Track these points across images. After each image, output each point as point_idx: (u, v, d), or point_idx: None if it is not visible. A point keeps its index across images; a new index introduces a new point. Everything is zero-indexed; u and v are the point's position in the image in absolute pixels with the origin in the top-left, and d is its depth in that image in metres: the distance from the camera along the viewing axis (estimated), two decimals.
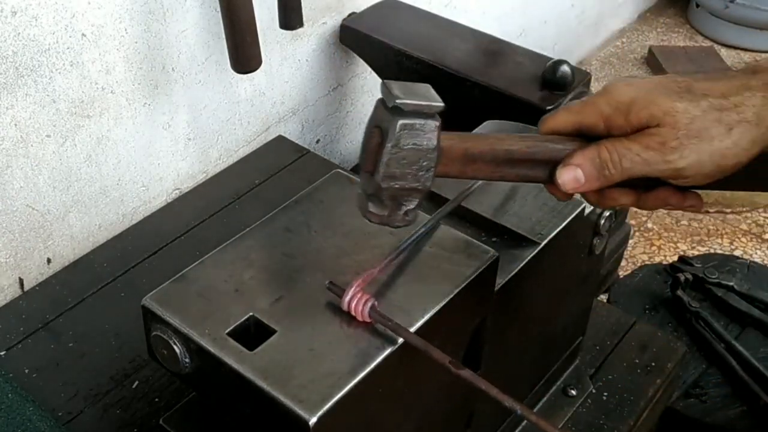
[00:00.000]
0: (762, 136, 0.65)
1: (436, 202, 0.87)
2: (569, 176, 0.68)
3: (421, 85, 0.67)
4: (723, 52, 2.63)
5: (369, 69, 1.55)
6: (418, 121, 0.64)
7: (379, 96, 0.66)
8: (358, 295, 0.69)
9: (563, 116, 0.69)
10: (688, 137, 0.64)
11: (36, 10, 1.03)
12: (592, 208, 0.89)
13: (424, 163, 0.65)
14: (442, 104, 0.65)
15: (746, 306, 1.54)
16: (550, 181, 0.69)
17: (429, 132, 0.64)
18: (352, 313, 0.69)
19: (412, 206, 0.67)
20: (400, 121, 0.64)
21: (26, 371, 1.01)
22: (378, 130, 0.65)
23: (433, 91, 0.67)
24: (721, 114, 0.64)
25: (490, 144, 0.68)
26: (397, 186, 0.65)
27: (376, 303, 0.69)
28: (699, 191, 0.72)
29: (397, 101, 0.63)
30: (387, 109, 0.65)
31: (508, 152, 0.68)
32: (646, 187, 0.70)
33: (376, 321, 0.69)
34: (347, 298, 0.69)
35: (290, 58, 1.45)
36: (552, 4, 2.26)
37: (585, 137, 0.69)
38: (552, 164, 0.69)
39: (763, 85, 0.65)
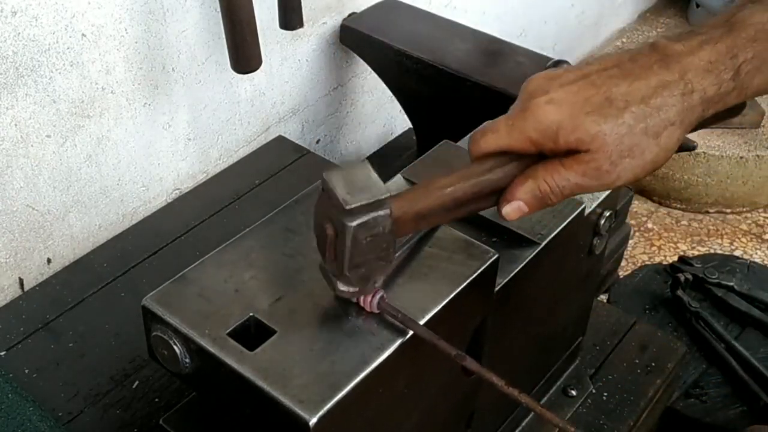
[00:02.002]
0: (684, 132, 0.67)
1: None
2: (512, 209, 0.70)
3: (360, 170, 0.67)
4: None
5: (369, 69, 1.56)
6: (369, 217, 0.65)
7: (343, 163, 0.67)
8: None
9: (492, 139, 0.70)
10: (621, 157, 0.66)
11: (36, 10, 1.03)
12: (592, 208, 0.89)
13: (384, 245, 0.67)
14: (387, 193, 0.66)
15: (746, 306, 1.54)
16: (494, 206, 0.71)
17: (382, 222, 0.66)
18: (361, 303, 0.69)
19: (381, 278, 0.69)
20: (355, 224, 0.64)
21: (26, 371, 1.01)
22: (331, 225, 0.66)
23: (373, 175, 0.67)
24: (646, 123, 0.65)
25: (436, 198, 0.70)
26: (363, 270, 0.66)
27: (384, 295, 0.69)
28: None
29: (347, 207, 0.64)
30: (335, 208, 0.65)
31: (454, 200, 0.70)
32: None
33: (384, 312, 0.69)
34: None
35: (290, 58, 1.45)
36: (552, 4, 2.26)
37: (516, 155, 0.70)
38: (496, 194, 0.71)
39: (678, 79, 0.66)
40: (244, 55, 1.19)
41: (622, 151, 0.65)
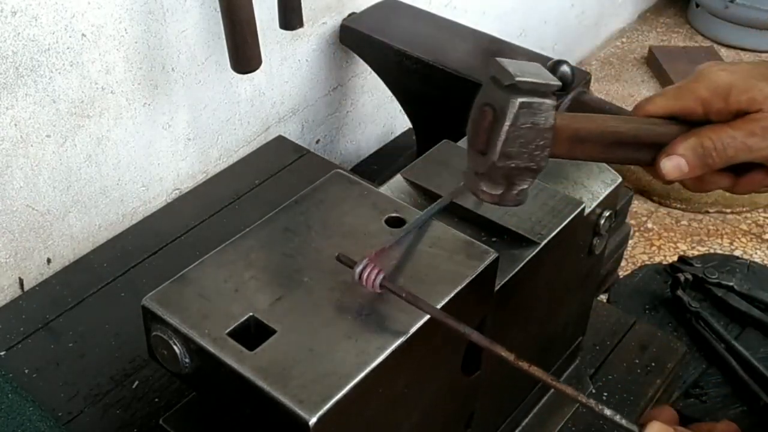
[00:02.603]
0: None
1: (436, 201, 0.87)
2: (672, 165, 0.68)
3: (533, 64, 0.66)
4: (723, 52, 2.63)
5: (369, 69, 1.56)
6: (535, 100, 0.63)
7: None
8: (370, 266, 0.69)
9: (659, 101, 0.69)
10: None
11: (36, 10, 1.03)
12: (592, 208, 0.89)
13: (540, 143, 0.64)
14: (558, 83, 0.65)
15: (746, 306, 1.54)
16: (651, 164, 0.69)
17: (546, 111, 0.63)
18: (363, 283, 0.69)
19: (524, 186, 0.66)
20: (519, 100, 0.62)
21: (26, 371, 1.01)
22: (490, 109, 0.64)
23: (545, 70, 0.66)
24: None
25: (598, 126, 0.68)
26: (512, 165, 0.64)
27: (386, 275, 0.69)
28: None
29: (516, 79, 0.62)
30: (501, 88, 0.63)
31: (615, 134, 0.68)
32: (741, 171, 0.70)
33: (387, 290, 0.69)
34: (359, 269, 0.69)
35: (290, 58, 1.45)
36: (552, 4, 2.26)
37: (681, 121, 0.68)
38: (655, 147, 0.69)
39: None
40: (244, 55, 1.19)
41: None
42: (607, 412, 0.63)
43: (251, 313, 0.70)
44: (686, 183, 0.73)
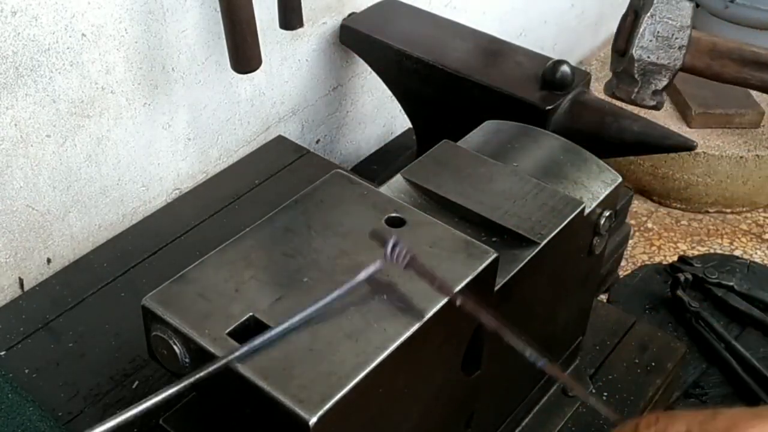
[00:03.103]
0: None
1: (437, 202, 0.87)
2: None
3: None
4: None
5: (369, 69, 1.55)
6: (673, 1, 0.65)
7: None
8: (400, 244, 0.70)
9: None
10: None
11: (36, 10, 1.03)
12: (592, 208, 0.89)
13: (677, 40, 0.66)
14: None
15: (746, 306, 1.54)
16: None
17: (684, 10, 0.67)
18: (393, 259, 0.70)
19: (660, 86, 0.68)
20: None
21: (26, 371, 1.01)
22: (633, 12, 0.66)
23: None
24: None
25: (737, 44, 0.69)
26: (648, 59, 0.66)
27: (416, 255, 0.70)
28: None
29: None
30: None
31: (755, 54, 0.70)
32: None
33: (412, 268, 0.70)
34: (390, 244, 0.70)
35: (290, 58, 1.45)
36: (552, 4, 2.26)
37: None
38: None
39: None
40: (244, 55, 1.19)
41: None
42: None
43: (251, 313, 0.70)
44: None
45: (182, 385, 0.65)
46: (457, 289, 0.73)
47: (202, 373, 0.65)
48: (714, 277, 1.58)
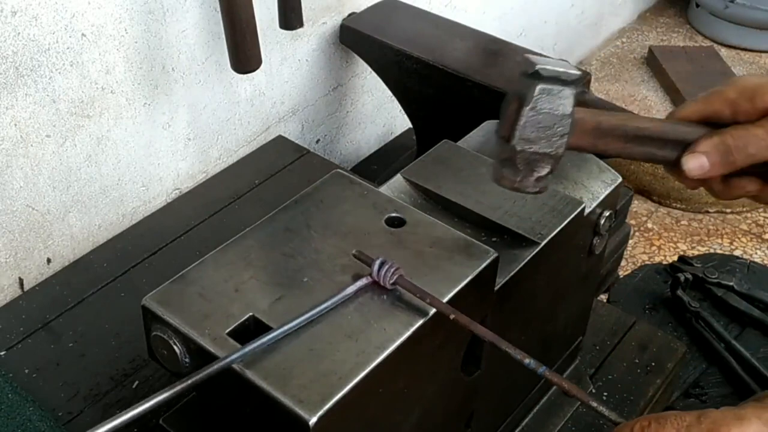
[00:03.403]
0: None
1: (437, 202, 0.87)
2: (695, 163, 0.69)
3: (560, 61, 0.70)
4: (723, 52, 2.63)
5: (369, 69, 1.55)
6: (555, 87, 0.67)
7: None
8: (388, 264, 0.70)
9: (689, 106, 0.71)
10: None
11: (36, 10, 1.03)
12: (592, 208, 0.89)
13: (559, 129, 0.67)
14: (579, 73, 0.68)
15: (746, 306, 1.54)
16: (676, 166, 0.71)
17: (565, 98, 0.67)
18: (375, 277, 0.70)
19: (544, 173, 0.68)
20: (539, 86, 0.66)
21: (26, 371, 1.01)
22: (517, 99, 0.67)
23: (570, 65, 0.69)
24: None
25: (621, 120, 0.71)
26: (531, 150, 0.67)
27: (404, 273, 0.70)
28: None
29: (537, 67, 0.66)
30: (526, 77, 0.67)
31: (638, 129, 0.70)
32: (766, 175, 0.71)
33: (400, 287, 0.70)
34: (377, 265, 0.70)
35: (290, 58, 1.45)
36: (552, 4, 2.26)
37: (711, 125, 0.70)
38: (679, 146, 0.70)
39: None
40: (244, 55, 1.19)
41: None
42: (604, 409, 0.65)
43: (251, 313, 0.70)
44: (713, 188, 0.73)
45: (181, 386, 0.65)
46: (455, 291, 0.73)
47: (201, 375, 0.65)
48: (714, 277, 1.58)
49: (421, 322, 0.70)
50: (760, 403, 0.65)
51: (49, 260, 1.20)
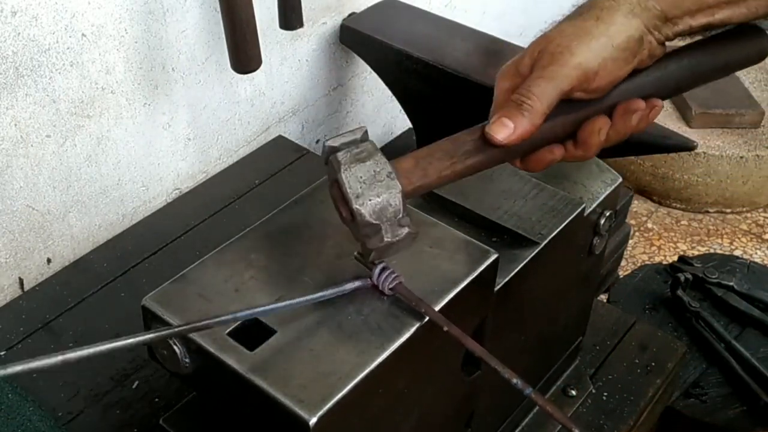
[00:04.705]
0: (630, 11, 0.71)
1: (437, 202, 0.87)
2: (497, 126, 0.71)
3: (353, 129, 0.72)
4: None
5: (369, 69, 1.55)
6: (353, 146, 0.69)
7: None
8: (389, 270, 0.70)
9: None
10: (568, 40, 0.70)
11: (36, 10, 1.03)
12: (592, 208, 0.89)
13: (381, 170, 0.68)
14: (363, 127, 0.71)
15: (746, 306, 1.54)
16: (491, 146, 0.72)
17: (365, 148, 0.69)
18: (374, 281, 0.70)
19: (401, 214, 0.69)
20: (339, 153, 0.68)
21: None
22: (334, 182, 0.68)
23: (353, 129, 0.72)
24: (584, 15, 0.72)
25: (432, 146, 0.73)
26: (370, 202, 0.67)
27: (403, 280, 0.70)
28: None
29: (327, 143, 0.69)
30: (328, 161, 0.69)
31: (452, 141, 0.73)
32: (607, 111, 0.74)
33: (398, 294, 0.70)
34: (378, 269, 0.70)
35: (290, 58, 1.45)
36: (552, 4, 2.26)
37: None
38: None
39: None
40: (244, 55, 1.19)
41: (567, 36, 0.71)
42: None
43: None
44: (569, 151, 0.75)
45: (138, 339, 0.65)
46: (455, 292, 0.73)
47: (164, 332, 0.66)
48: (714, 277, 1.58)
49: (420, 323, 0.70)
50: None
51: (49, 260, 1.20)
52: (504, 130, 0.70)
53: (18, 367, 0.57)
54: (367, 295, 0.71)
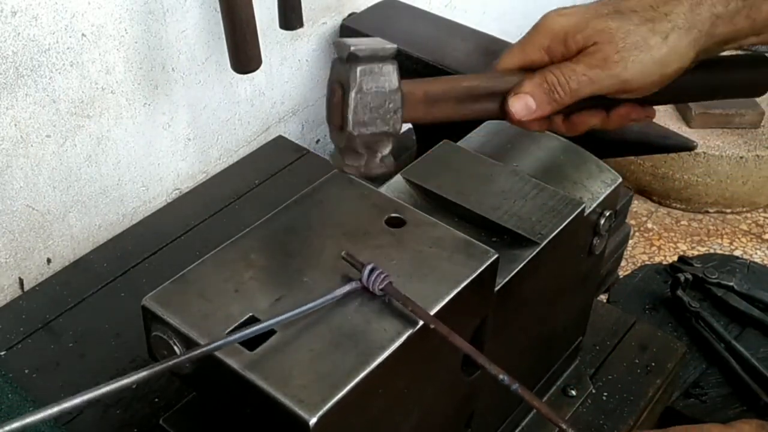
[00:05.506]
0: (696, 40, 0.70)
1: (437, 202, 0.87)
2: (520, 104, 0.71)
3: (373, 38, 0.69)
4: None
5: None
6: (376, 65, 0.66)
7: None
8: (378, 270, 0.70)
9: (508, 58, 0.74)
10: (628, 50, 0.68)
11: (36, 10, 1.03)
12: (592, 208, 0.89)
13: (390, 105, 0.67)
14: (395, 46, 0.67)
15: (746, 306, 1.54)
16: (506, 114, 0.72)
17: (388, 74, 0.66)
18: (364, 282, 0.70)
19: (386, 152, 0.68)
20: (359, 67, 0.65)
21: (26, 371, 1.01)
22: (339, 85, 0.66)
23: (383, 41, 0.68)
24: (654, 25, 0.69)
25: (449, 84, 0.71)
26: (368, 132, 0.67)
27: (392, 281, 0.70)
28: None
29: (352, 49, 0.65)
30: (344, 62, 0.66)
31: (467, 89, 0.71)
32: (607, 107, 0.74)
33: (388, 295, 0.70)
34: (366, 271, 0.70)
35: (290, 58, 1.45)
36: (552, 5, 2.26)
37: (532, 71, 0.73)
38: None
39: None
40: (244, 55, 1.19)
41: (629, 44, 0.68)
42: None
43: (251, 313, 0.70)
44: (558, 127, 0.76)
45: (155, 369, 0.64)
46: (455, 292, 0.73)
47: (182, 358, 0.65)
48: (714, 277, 1.58)
49: (422, 322, 0.70)
50: (724, 425, 0.67)
51: (49, 260, 1.20)
52: (525, 109, 0.71)
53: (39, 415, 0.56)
54: (367, 295, 0.71)
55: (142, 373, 0.63)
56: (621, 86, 0.70)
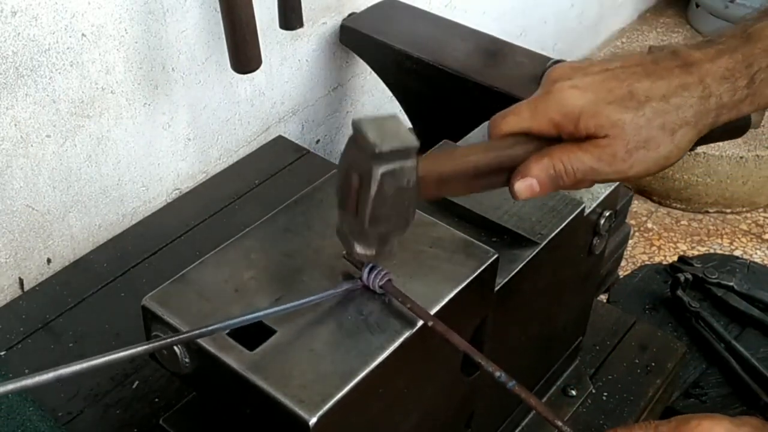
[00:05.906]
0: (699, 132, 0.70)
1: (438, 202, 0.87)
2: (525, 186, 0.71)
3: (391, 120, 0.67)
4: None
5: (369, 69, 1.56)
6: (398, 165, 0.64)
7: (363, 116, 0.66)
8: (378, 268, 0.70)
9: (514, 121, 0.72)
10: (637, 147, 0.68)
11: (36, 10, 1.03)
12: (592, 208, 0.89)
13: (407, 202, 0.66)
14: (417, 143, 0.66)
15: (746, 306, 1.54)
16: (510, 192, 0.72)
17: (409, 172, 0.65)
18: (364, 281, 0.70)
19: (396, 241, 0.69)
20: (382, 170, 0.63)
21: (26, 371, 1.01)
22: (356, 174, 0.65)
23: (403, 125, 0.67)
24: (664, 119, 0.68)
25: (459, 163, 0.71)
26: (383, 228, 0.66)
27: (392, 278, 0.70)
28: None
29: (377, 150, 0.63)
30: (363, 153, 0.64)
31: (475, 168, 0.71)
32: None
33: (388, 294, 0.70)
34: (366, 269, 0.70)
35: (290, 58, 1.45)
36: (552, 4, 2.26)
37: (536, 137, 0.71)
38: (513, 171, 0.71)
39: (698, 82, 0.68)
40: (244, 55, 1.19)
41: (639, 142, 0.68)
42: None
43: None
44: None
45: (139, 349, 0.64)
46: (455, 292, 0.73)
47: (168, 340, 0.65)
48: (714, 277, 1.58)
49: (422, 322, 0.70)
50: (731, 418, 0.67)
51: (49, 260, 1.20)
52: (529, 191, 0.71)
53: (10, 386, 0.56)
54: (367, 294, 0.71)
55: (125, 352, 0.63)
56: (621, 178, 0.71)
